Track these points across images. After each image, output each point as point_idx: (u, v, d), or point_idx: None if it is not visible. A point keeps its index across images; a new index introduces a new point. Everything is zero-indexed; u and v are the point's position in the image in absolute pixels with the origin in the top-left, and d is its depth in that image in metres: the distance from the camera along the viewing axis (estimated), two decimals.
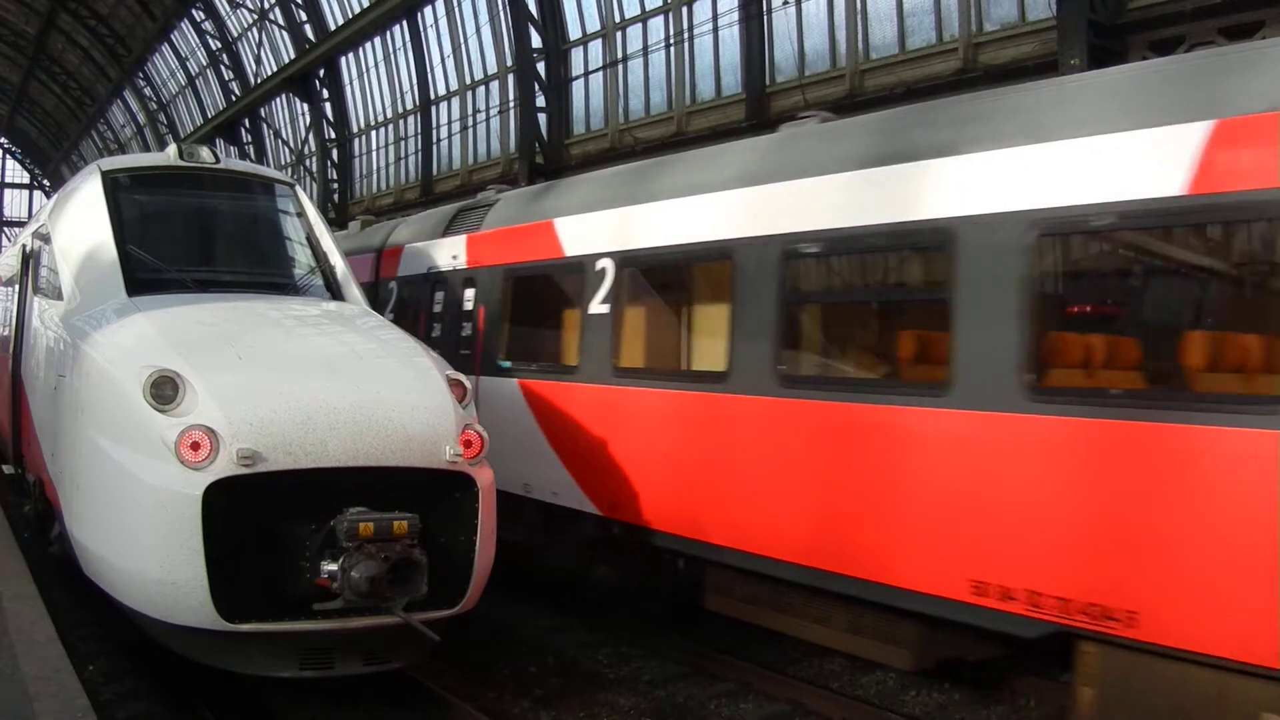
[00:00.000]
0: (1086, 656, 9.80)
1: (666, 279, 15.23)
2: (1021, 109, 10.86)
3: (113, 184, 14.43)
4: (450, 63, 42.90)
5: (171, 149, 15.00)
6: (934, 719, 12.28)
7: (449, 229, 19.84)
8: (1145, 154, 9.40)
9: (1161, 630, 9.08)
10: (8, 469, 18.16)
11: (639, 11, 33.31)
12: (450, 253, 19.30)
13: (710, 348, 13.99)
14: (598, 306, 15.33)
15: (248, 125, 61.80)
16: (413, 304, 20.46)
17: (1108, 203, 9.61)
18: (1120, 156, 9.55)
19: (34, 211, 69.09)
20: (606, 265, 15.25)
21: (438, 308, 19.56)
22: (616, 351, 15.02)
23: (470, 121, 41.85)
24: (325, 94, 51.47)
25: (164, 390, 10.57)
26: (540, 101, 36.33)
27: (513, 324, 17.80)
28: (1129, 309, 10.87)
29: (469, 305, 18.52)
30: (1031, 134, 10.36)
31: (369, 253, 22.63)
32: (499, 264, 17.86)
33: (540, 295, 17.45)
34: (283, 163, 57.52)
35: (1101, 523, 9.39)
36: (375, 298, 20.19)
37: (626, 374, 14.85)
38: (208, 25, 63.86)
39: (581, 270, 15.71)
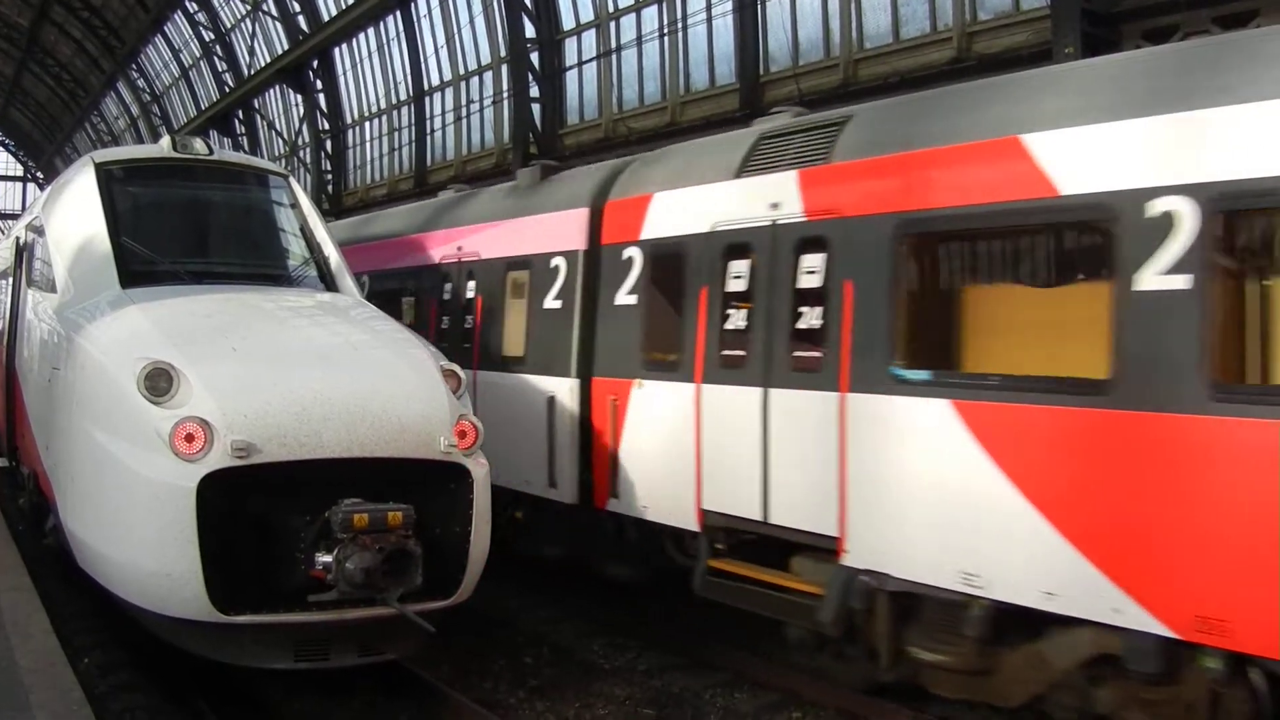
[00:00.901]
0: None
1: None
2: None
3: (106, 176, 14.40)
4: (444, 53, 42.79)
5: (165, 141, 14.99)
6: (928, 709, 12.27)
7: (750, 165, 13.24)
8: None
9: None
10: (2, 462, 18.18)
11: (633, 1, 33.24)
12: (759, 198, 12.70)
13: None
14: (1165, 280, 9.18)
15: (241, 117, 61.63)
16: (687, 279, 13.81)
17: None
18: None
19: (28, 204, 69.11)
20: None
21: (740, 284, 13.03)
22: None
23: (464, 112, 41.72)
24: (319, 85, 51.32)
25: (158, 382, 10.58)
26: (534, 92, 36.23)
27: (950, 311, 11.78)
28: None
29: (815, 281, 12.16)
30: None
31: (568, 209, 16.41)
32: (894, 212, 11.38)
33: (1025, 260, 11.35)
34: (276, 154, 57.36)
35: None
36: (594, 273, 15.45)
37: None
38: (201, 16, 63.64)
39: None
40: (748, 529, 12.84)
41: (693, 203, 13.98)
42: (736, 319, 12.99)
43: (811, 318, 12.09)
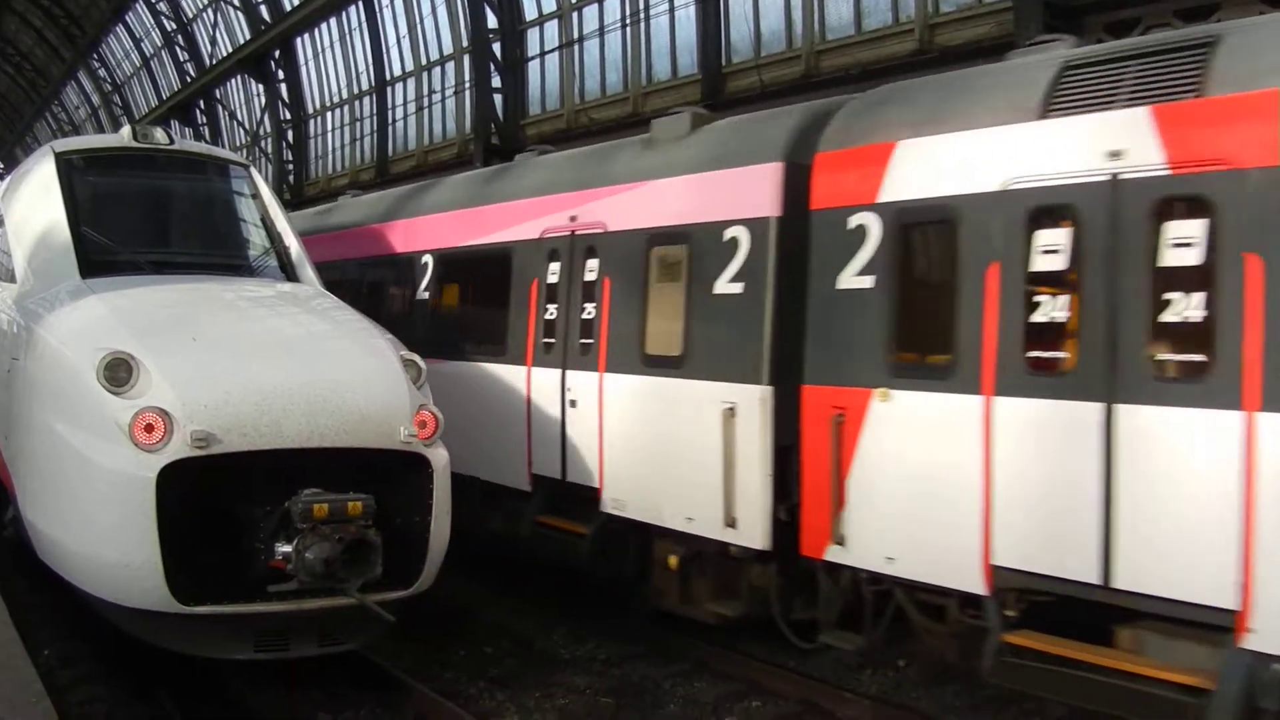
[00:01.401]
0: None
1: None
2: None
3: (66, 165, 14.33)
4: (406, 43, 42.70)
5: (126, 130, 14.92)
6: (889, 697, 12.34)
7: (1063, 100, 10.12)
8: None
9: None
10: None
11: None
12: (1087, 145, 9.72)
13: None
14: None
15: (203, 106, 61.41)
16: (963, 255, 10.63)
17: None
18: None
19: None
20: None
21: (1055, 260, 10.00)
22: None
23: (426, 102, 41.71)
24: (281, 75, 51.16)
25: (118, 373, 10.56)
26: (496, 82, 36.19)
27: None
28: None
29: (1190, 256, 9.15)
30: None
31: (748, 164, 12.91)
32: None
33: None
34: (238, 144, 57.16)
35: None
36: (794, 247, 12.15)
37: None
38: (162, 6, 63.36)
39: None
40: (1071, 593, 9.81)
41: (969, 152, 10.73)
42: (1050, 308, 9.95)
43: (1186, 306, 9.07)
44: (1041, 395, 9.85)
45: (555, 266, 15.17)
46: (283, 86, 51.07)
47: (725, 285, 12.60)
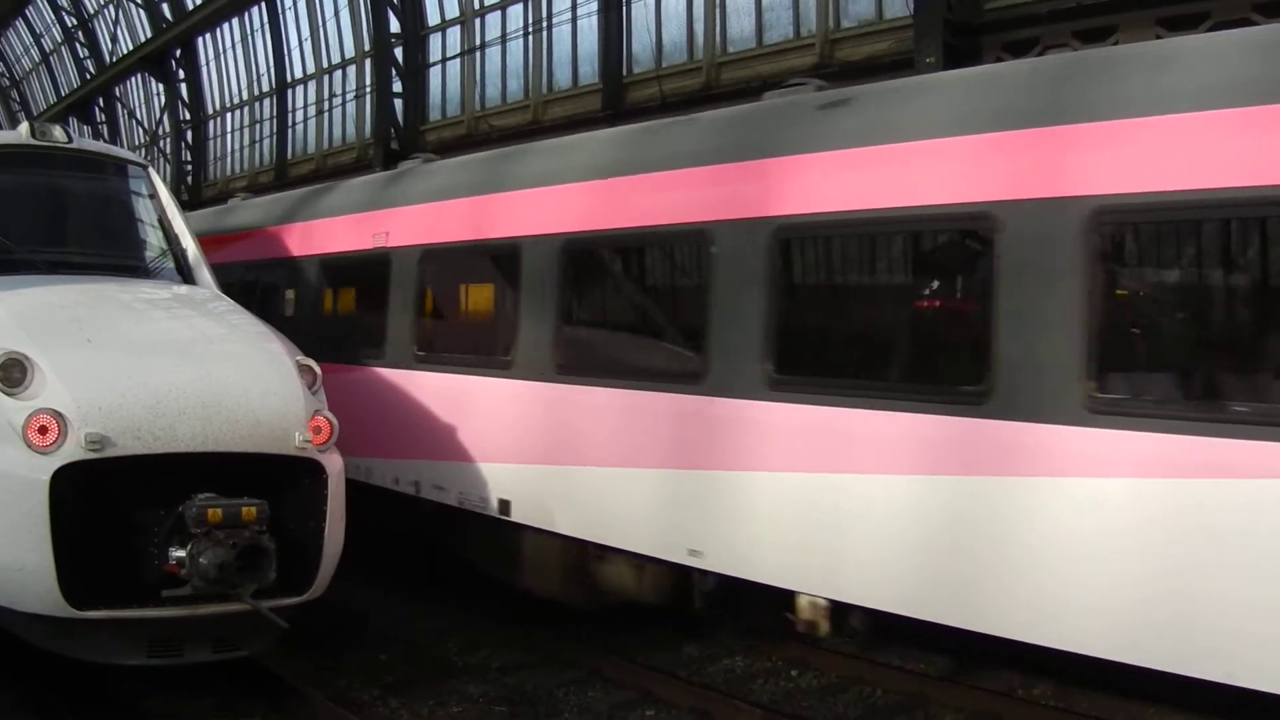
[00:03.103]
0: None
1: None
2: None
3: None
4: (308, 45, 42.60)
5: (24, 127, 14.72)
6: (780, 707, 12.44)
7: None
8: None
9: None
10: None
11: None
12: None
13: None
14: None
15: (102, 105, 60.95)
16: None
17: None
18: None
19: None
20: None
21: None
22: None
23: (326, 105, 41.63)
24: (181, 74, 50.83)
25: (11, 373, 10.46)
26: (397, 87, 36.20)
27: None
28: None
29: None
30: None
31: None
32: None
33: None
34: (136, 143, 56.70)
35: None
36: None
37: None
38: (63, 1, 62.84)
39: None
40: None
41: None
42: None
43: None
44: None
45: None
46: (183, 86, 50.79)
47: None
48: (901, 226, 10.44)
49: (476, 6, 33.95)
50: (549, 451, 13.35)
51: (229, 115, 49.85)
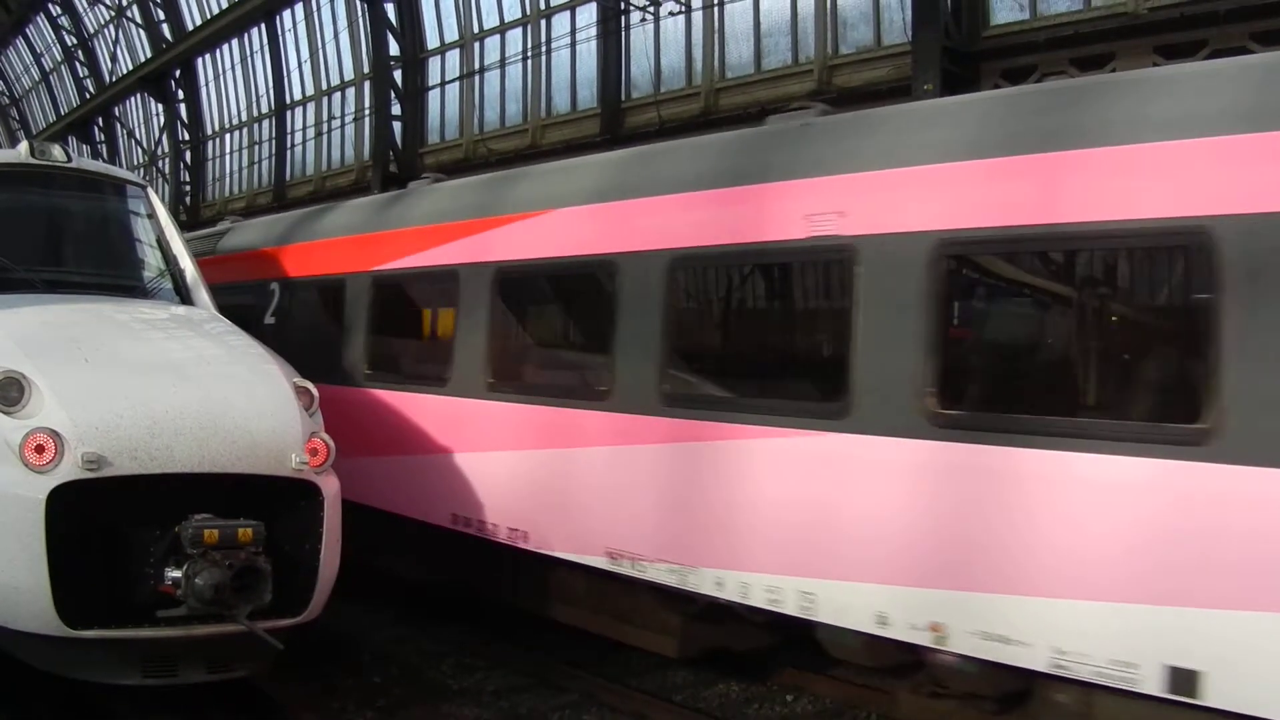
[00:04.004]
0: None
1: None
2: None
3: None
4: (307, 68, 42.68)
5: (23, 146, 14.73)
6: None
7: None
8: None
9: None
10: None
11: (498, 23, 33.41)
12: None
13: None
14: None
15: (101, 124, 60.98)
16: None
17: None
18: None
19: None
20: None
21: None
22: None
23: (325, 127, 41.67)
24: (180, 95, 50.91)
25: (9, 392, 10.46)
26: (396, 109, 36.25)
27: None
28: None
29: None
30: None
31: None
32: None
33: None
34: (135, 163, 56.72)
35: None
36: None
37: None
38: (64, 20, 62.87)
39: None
40: None
41: None
42: None
43: None
44: None
45: None
46: (182, 107, 50.85)
47: None
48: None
49: (476, 30, 34.04)
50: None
51: (228, 136, 49.90)
